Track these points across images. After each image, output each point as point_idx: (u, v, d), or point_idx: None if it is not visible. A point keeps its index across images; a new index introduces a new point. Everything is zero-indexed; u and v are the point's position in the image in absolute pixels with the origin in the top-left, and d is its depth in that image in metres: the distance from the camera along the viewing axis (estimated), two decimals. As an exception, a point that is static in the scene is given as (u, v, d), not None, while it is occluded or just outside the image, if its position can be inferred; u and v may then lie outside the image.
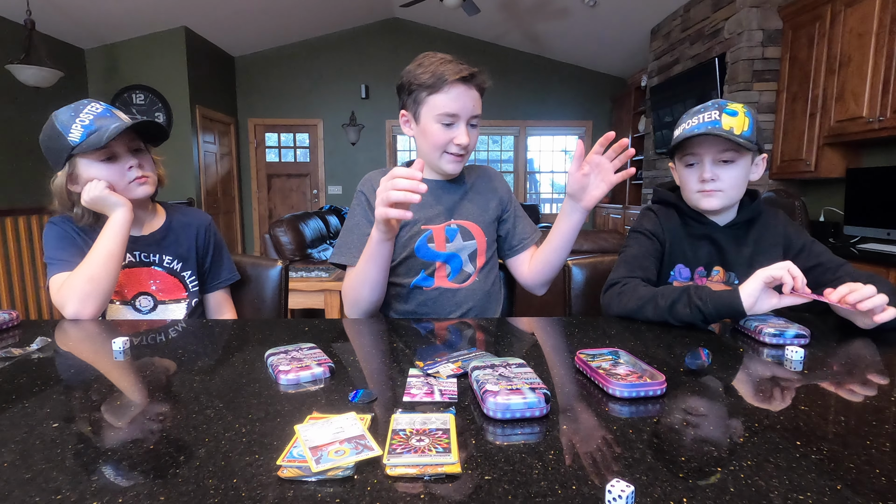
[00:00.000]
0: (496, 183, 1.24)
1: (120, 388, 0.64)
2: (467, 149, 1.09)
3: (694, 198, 1.07)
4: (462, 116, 1.05)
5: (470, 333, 0.88)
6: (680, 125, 1.07)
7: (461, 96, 1.04)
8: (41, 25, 3.91)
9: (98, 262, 1.00)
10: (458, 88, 1.04)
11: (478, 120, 1.09)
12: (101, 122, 1.02)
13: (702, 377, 0.65)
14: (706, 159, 1.04)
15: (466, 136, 1.06)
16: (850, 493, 0.40)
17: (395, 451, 0.46)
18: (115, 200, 1.04)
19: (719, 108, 1.01)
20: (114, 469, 0.45)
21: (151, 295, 1.13)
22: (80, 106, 1.03)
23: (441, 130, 1.06)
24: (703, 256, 1.09)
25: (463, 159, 1.11)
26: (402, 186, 0.84)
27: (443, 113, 1.05)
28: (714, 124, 1.00)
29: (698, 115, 1.04)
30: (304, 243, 3.43)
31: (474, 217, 1.17)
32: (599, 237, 2.82)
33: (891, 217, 2.71)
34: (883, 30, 2.65)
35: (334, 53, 6.43)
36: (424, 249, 1.13)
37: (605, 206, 6.49)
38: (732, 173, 1.03)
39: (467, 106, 1.05)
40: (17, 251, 3.63)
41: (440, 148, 1.08)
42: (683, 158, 1.08)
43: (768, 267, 0.83)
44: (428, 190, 1.14)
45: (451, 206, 1.16)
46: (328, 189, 6.71)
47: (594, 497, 0.40)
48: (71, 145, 1.01)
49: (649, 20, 4.86)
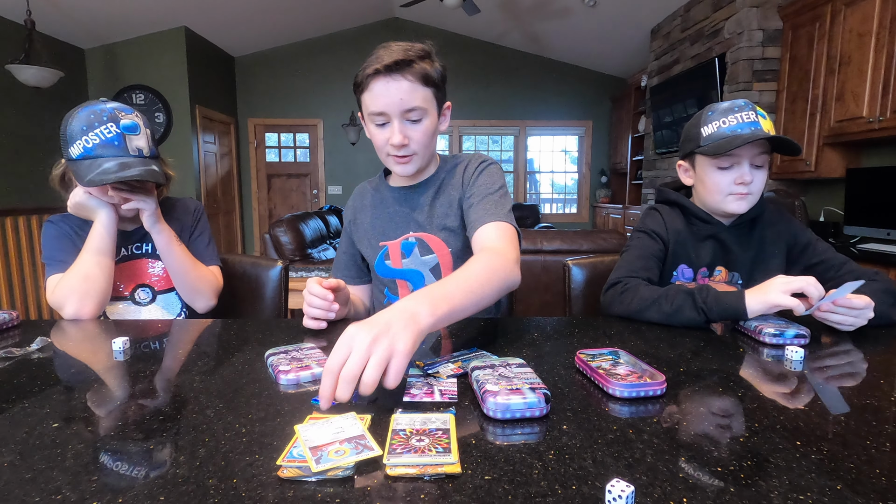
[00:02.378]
0: (465, 173, 1.07)
1: (120, 388, 0.64)
2: (410, 147, 0.97)
3: (725, 200, 1.04)
4: (391, 113, 0.93)
5: (470, 333, 0.88)
6: (709, 123, 1.02)
7: (385, 91, 0.92)
8: (41, 25, 3.90)
9: (91, 261, 1.02)
10: (379, 82, 0.92)
11: (419, 113, 0.95)
12: (102, 151, 0.99)
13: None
14: (744, 161, 1.01)
15: (399, 135, 0.94)
16: (850, 493, 0.40)
17: (395, 451, 0.46)
18: (97, 203, 1.04)
19: (753, 109, 1.00)
20: (114, 469, 0.45)
21: (149, 286, 1.14)
22: (96, 122, 0.99)
23: (377, 132, 0.97)
24: (706, 256, 1.09)
25: (410, 159, 0.99)
26: (315, 305, 0.87)
27: (371, 113, 0.95)
28: (755, 126, 0.98)
29: (734, 115, 1.00)
30: (304, 243, 3.43)
31: (436, 226, 1.06)
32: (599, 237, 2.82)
33: (891, 217, 2.71)
34: (883, 30, 2.65)
35: (334, 53, 6.43)
36: (383, 267, 1.09)
37: (605, 206, 6.50)
38: (762, 176, 1.03)
39: (393, 100, 0.92)
40: (17, 251, 3.63)
41: (382, 150, 0.99)
42: (717, 160, 1.02)
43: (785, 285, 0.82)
44: (388, 201, 1.13)
45: (412, 216, 1.08)
46: (328, 189, 6.71)
47: (594, 497, 0.40)
48: (68, 157, 1.01)
49: (649, 20, 4.86)
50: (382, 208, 1.12)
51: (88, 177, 0.97)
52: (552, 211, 7.29)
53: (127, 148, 1.01)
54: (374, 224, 1.12)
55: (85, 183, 0.97)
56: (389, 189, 1.13)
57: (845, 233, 3.03)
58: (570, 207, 7.28)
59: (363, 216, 1.14)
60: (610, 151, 6.93)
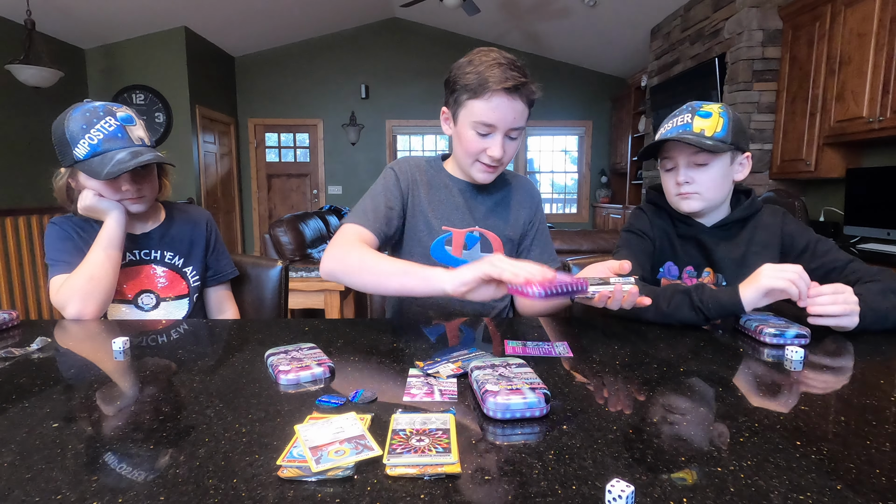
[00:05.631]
0: (530, 199, 1.19)
1: (120, 388, 0.64)
2: (501, 161, 1.03)
3: (674, 201, 1.08)
4: (500, 128, 0.99)
5: (470, 333, 0.88)
6: (658, 129, 1.07)
7: (501, 107, 0.97)
8: (41, 25, 3.90)
9: (97, 262, 1.02)
10: (500, 98, 0.96)
11: (518, 133, 1.02)
12: (109, 145, 1.00)
13: (700, 374, 0.65)
14: (680, 163, 1.04)
15: (501, 149, 1.00)
16: (850, 493, 0.40)
17: (395, 451, 0.46)
18: (107, 205, 1.05)
19: (692, 112, 1.01)
20: (114, 469, 0.45)
21: (154, 292, 1.14)
22: (94, 119, 0.99)
23: (475, 138, 1.01)
24: (691, 257, 1.09)
25: (495, 171, 1.06)
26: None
27: (479, 121, 0.99)
28: (684, 128, 1.00)
29: (673, 119, 1.04)
30: (304, 243, 3.43)
31: (498, 229, 1.13)
32: (599, 237, 2.82)
33: (891, 217, 2.71)
34: (883, 30, 2.65)
35: (334, 53, 6.43)
36: (440, 251, 1.10)
37: (605, 206, 6.50)
38: (707, 176, 1.02)
39: (507, 118, 0.98)
40: (18, 251, 3.63)
41: (472, 156, 1.03)
42: (663, 163, 1.09)
43: (775, 271, 0.83)
44: (452, 189, 1.14)
45: (478, 212, 1.13)
46: (328, 189, 6.71)
47: (594, 497, 0.40)
48: (75, 159, 1.00)
49: (649, 20, 4.86)
50: (445, 192, 1.13)
51: (105, 170, 0.97)
52: (552, 211, 7.29)
53: (130, 138, 1.02)
54: (435, 206, 1.11)
55: (103, 177, 0.97)
56: (451, 177, 1.14)
57: (845, 233, 3.03)
58: (570, 207, 7.28)
59: (419, 191, 1.12)
60: (610, 151, 6.93)
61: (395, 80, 6.44)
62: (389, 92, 6.47)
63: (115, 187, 1.05)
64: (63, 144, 1.01)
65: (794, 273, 0.82)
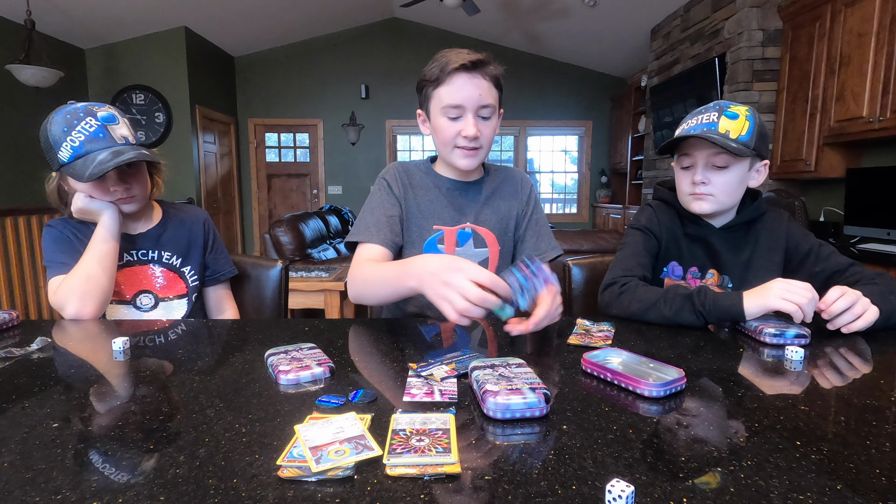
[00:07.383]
0: (521, 188, 1.19)
1: (120, 389, 0.64)
2: (479, 141, 1.03)
3: (686, 200, 1.06)
4: (468, 107, 1.01)
5: (467, 333, 0.88)
6: (681, 124, 1.06)
7: (465, 86, 0.99)
8: (41, 25, 3.91)
9: (93, 262, 1.02)
10: (461, 77, 0.99)
11: (490, 111, 1.03)
12: (91, 146, 0.99)
13: (704, 377, 0.65)
14: (699, 162, 1.02)
15: (474, 128, 1.01)
16: (850, 493, 0.40)
17: (395, 451, 0.46)
18: (100, 206, 1.05)
19: (719, 110, 0.99)
20: (114, 469, 0.45)
21: (152, 293, 1.14)
22: (74, 121, 0.98)
23: (448, 124, 1.03)
24: (697, 258, 1.09)
25: (476, 153, 1.06)
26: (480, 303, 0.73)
27: (447, 105, 1.01)
28: (710, 126, 0.98)
29: (698, 116, 1.02)
30: (304, 243, 3.43)
31: (492, 224, 1.13)
32: (599, 237, 2.82)
33: (891, 217, 2.71)
34: (883, 30, 2.65)
35: (334, 53, 6.43)
36: (433, 250, 1.09)
37: (605, 206, 6.50)
38: (724, 178, 1.01)
39: (472, 96, 1.00)
40: (17, 251, 3.63)
41: (450, 142, 1.04)
42: (680, 159, 1.07)
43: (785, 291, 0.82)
44: (443, 188, 1.14)
45: (469, 209, 1.13)
46: (328, 189, 6.71)
47: (594, 497, 0.40)
48: (60, 162, 1.00)
49: (649, 20, 4.86)
50: (435, 192, 1.13)
51: (88, 172, 0.96)
52: (552, 211, 7.29)
53: (112, 137, 1.01)
54: (426, 206, 1.12)
55: (86, 178, 0.96)
56: (439, 177, 1.15)
57: (845, 233, 3.02)
58: (570, 207, 7.28)
59: (411, 194, 1.13)
60: (610, 151, 6.93)
61: (395, 80, 6.44)
62: (389, 92, 6.47)
63: (103, 188, 1.04)
64: (48, 149, 1.01)
65: (803, 298, 0.80)
